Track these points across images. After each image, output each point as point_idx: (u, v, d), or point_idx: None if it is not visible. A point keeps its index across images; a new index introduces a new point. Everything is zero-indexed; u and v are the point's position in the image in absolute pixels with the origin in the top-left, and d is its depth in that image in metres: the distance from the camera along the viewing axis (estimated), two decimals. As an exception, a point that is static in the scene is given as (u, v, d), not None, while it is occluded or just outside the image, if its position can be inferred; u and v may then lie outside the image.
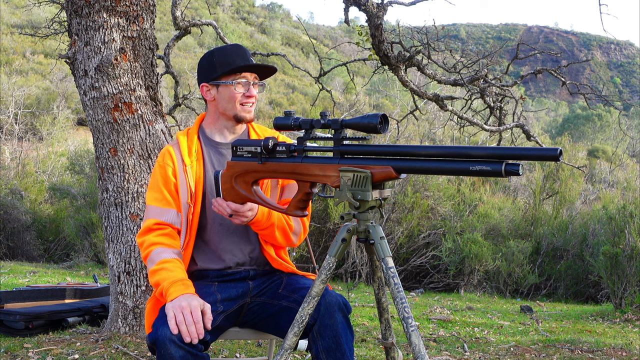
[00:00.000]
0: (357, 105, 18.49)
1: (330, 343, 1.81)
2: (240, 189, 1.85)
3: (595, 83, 51.47)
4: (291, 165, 1.74)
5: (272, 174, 1.80)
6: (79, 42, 3.28)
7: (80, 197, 10.76)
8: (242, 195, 1.85)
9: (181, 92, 6.47)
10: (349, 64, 6.08)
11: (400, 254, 8.98)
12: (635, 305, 5.76)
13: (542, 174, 10.53)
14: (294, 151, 1.75)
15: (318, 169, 1.69)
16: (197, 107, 11.33)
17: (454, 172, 1.51)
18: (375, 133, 1.60)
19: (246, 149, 1.82)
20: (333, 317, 1.82)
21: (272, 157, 1.78)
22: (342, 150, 1.67)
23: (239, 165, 1.84)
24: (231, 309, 1.96)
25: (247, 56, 2.05)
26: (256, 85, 2.07)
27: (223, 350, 3.40)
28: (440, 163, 1.52)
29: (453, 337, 4.23)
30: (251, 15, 52.32)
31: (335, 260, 1.68)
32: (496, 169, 1.42)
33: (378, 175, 1.59)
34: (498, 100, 5.40)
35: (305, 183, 1.73)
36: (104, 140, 3.31)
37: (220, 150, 2.10)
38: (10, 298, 3.85)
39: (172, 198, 1.99)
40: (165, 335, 1.71)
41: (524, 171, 1.44)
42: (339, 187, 1.64)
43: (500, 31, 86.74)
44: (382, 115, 1.58)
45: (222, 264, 2.04)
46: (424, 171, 1.55)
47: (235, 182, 1.85)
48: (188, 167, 2.02)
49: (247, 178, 1.83)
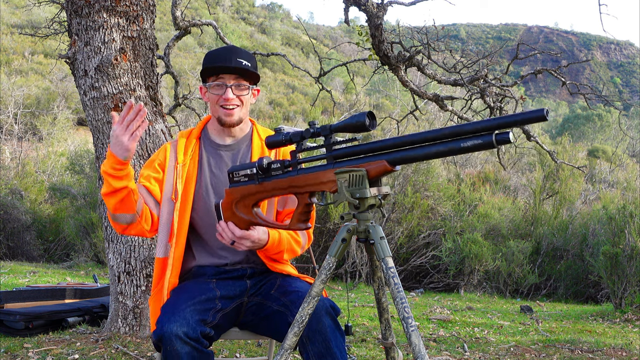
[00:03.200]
0: (357, 105, 18.49)
1: (321, 348, 1.81)
2: (242, 214, 1.85)
3: (595, 83, 51.47)
4: (287, 180, 1.74)
5: (270, 193, 1.80)
6: (79, 42, 3.28)
7: (80, 197, 10.75)
8: (244, 220, 1.85)
9: (181, 92, 6.47)
10: (349, 64, 6.08)
11: (400, 254, 8.98)
12: (635, 305, 5.76)
13: (542, 174, 10.53)
14: (289, 166, 1.75)
15: (314, 178, 1.69)
16: (197, 107, 11.34)
17: (447, 152, 1.50)
18: (365, 131, 1.60)
19: (242, 174, 1.83)
20: (321, 321, 1.82)
21: (268, 176, 1.78)
22: (334, 155, 1.67)
23: (237, 191, 1.84)
24: (229, 308, 1.96)
25: (230, 57, 2.01)
26: (239, 88, 2.04)
27: (223, 350, 3.40)
28: (432, 147, 1.52)
29: (453, 337, 4.22)
30: (251, 15, 52.33)
31: (335, 260, 1.68)
32: (487, 141, 1.43)
33: (373, 172, 1.59)
34: (498, 100, 5.40)
35: (303, 195, 1.73)
36: (104, 140, 3.31)
37: (219, 152, 2.11)
38: (10, 298, 3.85)
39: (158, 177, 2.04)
40: (171, 331, 1.71)
41: (515, 138, 1.44)
42: (336, 191, 1.65)
43: (500, 31, 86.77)
44: (368, 112, 1.59)
45: (219, 261, 2.05)
46: (418, 158, 1.55)
47: (236, 209, 1.85)
48: (179, 165, 2.04)
49: (247, 202, 1.84)
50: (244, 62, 2.03)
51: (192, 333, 1.74)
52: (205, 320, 1.83)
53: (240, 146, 2.13)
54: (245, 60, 2.03)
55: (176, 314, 1.77)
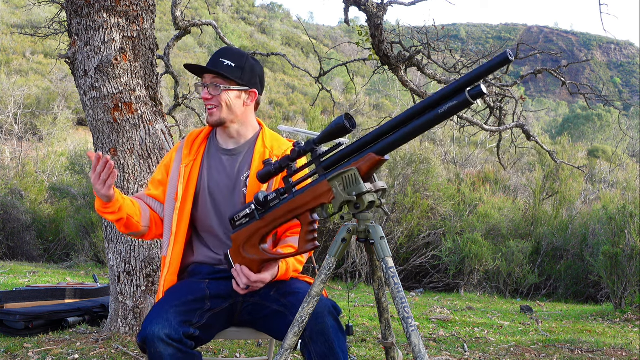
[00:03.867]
0: (357, 105, 18.48)
1: (324, 348, 1.81)
2: (251, 255, 1.85)
3: (595, 83, 51.46)
4: (286, 206, 1.75)
5: (273, 225, 1.80)
6: (79, 42, 3.28)
7: (80, 197, 10.74)
8: (255, 261, 1.85)
9: (181, 92, 6.48)
10: (349, 64, 6.08)
11: (400, 254, 8.98)
12: (635, 305, 5.76)
13: (542, 174, 10.53)
14: (284, 192, 1.77)
15: (310, 194, 1.70)
16: (197, 107, 11.33)
17: (427, 124, 1.52)
18: (346, 133, 1.62)
19: (242, 215, 1.84)
20: (324, 322, 1.82)
21: (267, 208, 1.79)
22: (324, 166, 1.69)
23: (242, 234, 1.85)
24: (219, 308, 1.95)
25: (214, 58, 2.02)
26: (214, 88, 2.00)
27: (223, 350, 3.40)
28: (412, 124, 1.54)
29: (453, 337, 4.23)
30: (251, 15, 52.32)
31: (335, 260, 1.68)
32: (462, 99, 1.45)
33: (365, 167, 1.60)
34: (498, 100, 5.40)
35: (305, 215, 1.74)
36: (104, 140, 3.31)
37: (220, 155, 2.10)
38: (10, 298, 3.85)
39: (162, 179, 2.11)
40: (154, 333, 1.73)
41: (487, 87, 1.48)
42: (334, 198, 1.65)
43: (500, 31, 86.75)
44: (345, 114, 1.61)
45: (214, 260, 2.06)
46: (402, 140, 1.56)
47: (244, 252, 1.85)
48: (182, 166, 2.06)
49: (253, 241, 1.84)
50: (227, 62, 2.00)
51: (174, 334, 1.74)
52: (190, 321, 1.83)
53: (242, 151, 2.10)
54: (229, 61, 2.00)
55: (160, 316, 1.78)
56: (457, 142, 16.98)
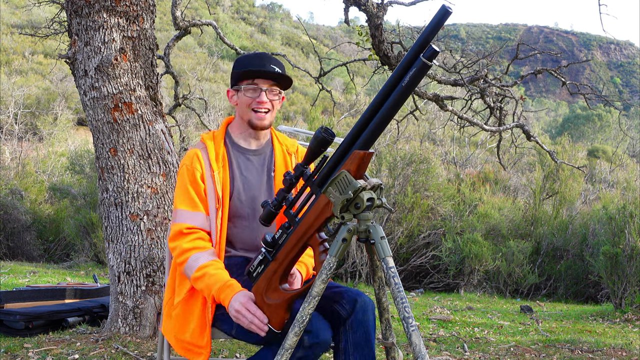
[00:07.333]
0: (357, 105, 18.49)
1: (361, 339, 1.88)
2: (274, 300, 1.81)
3: (595, 83, 51.48)
4: (294, 236, 1.76)
5: (286, 260, 1.79)
6: (79, 42, 3.28)
7: (80, 197, 10.75)
8: (280, 305, 1.81)
9: (181, 92, 6.48)
10: (349, 64, 6.09)
11: (400, 254, 8.97)
12: (635, 305, 5.76)
13: (542, 174, 10.53)
14: (288, 226, 1.78)
15: (312, 214, 1.71)
16: (197, 107, 11.34)
17: (397, 101, 1.55)
18: (328, 144, 1.66)
19: (256, 264, 1.84)
20: (367, 315, 1.90)
21: (277, 247, 1.80)
22: (316, 183, 1.71)
23: (261, 283, 1.83)
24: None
25: (264, 63, 2.08)
26: (272, 93, 2.09)
27: (223, 350, 3.40)
28: (384, 107, 1.57)
29: (453, 337, 4.23)
30: (251, 15, 52.31)
31: (336, 260, 1.68)
32: (419, 64, 1.49)
33: (353, 166, 1.62)
34: (498, 100, 5.40)
35: (313, 238, 1.73)
36: (104, 140, 3.31)
37: (247, 156, 2.15)
38: (10, 298, 3.84)
39: (200, 201, 2.03)
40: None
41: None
42: (334, 205, 1.66)
43: (500, 31, 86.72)
44: (320, 127, 1.66)
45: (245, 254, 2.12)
46: (380, 126, 1.59)
47: (268, 299, 1.82)
48: (215, 173, 2.06)
49: (273, 284, 1.82)
50: (276, 68, 2.09)
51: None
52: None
53: (265, 151, 2.18)
54: (277, 67, 2.10)
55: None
56: (457, 142, 16.98)
